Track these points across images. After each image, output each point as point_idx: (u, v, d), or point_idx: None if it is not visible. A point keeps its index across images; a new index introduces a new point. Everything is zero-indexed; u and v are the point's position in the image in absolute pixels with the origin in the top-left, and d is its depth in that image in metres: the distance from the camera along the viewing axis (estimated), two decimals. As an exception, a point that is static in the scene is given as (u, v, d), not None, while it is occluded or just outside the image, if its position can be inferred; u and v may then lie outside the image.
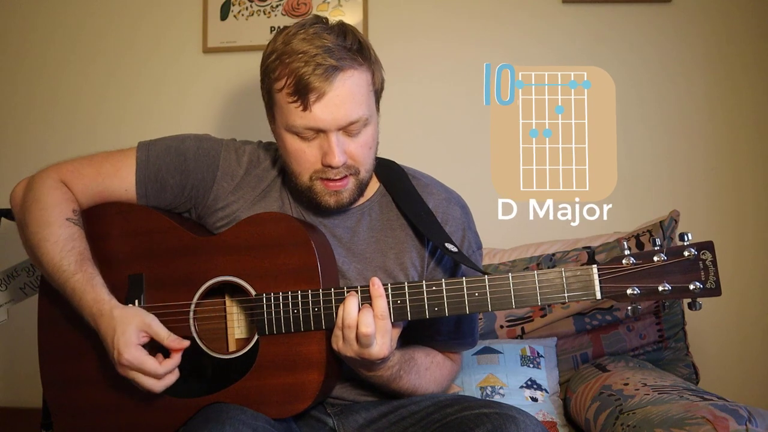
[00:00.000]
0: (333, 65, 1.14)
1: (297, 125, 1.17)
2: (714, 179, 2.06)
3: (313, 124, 1.16)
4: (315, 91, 1.13)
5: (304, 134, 1.18)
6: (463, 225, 1.32)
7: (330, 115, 1.15)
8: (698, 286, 1.05)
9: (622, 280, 1.08)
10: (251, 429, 1.07)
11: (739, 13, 2.06)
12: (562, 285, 1.09)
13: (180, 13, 2.19)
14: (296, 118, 1.16)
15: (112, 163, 1.29)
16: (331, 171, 1.19)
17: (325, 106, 1.14)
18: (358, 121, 1.18)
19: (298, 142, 1.19)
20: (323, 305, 1.15)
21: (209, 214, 1.31)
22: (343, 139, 1.18)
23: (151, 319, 1.15)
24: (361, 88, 1.18)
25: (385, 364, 1.18)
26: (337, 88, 1.14)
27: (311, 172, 1.20)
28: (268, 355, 1.17)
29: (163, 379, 1.14)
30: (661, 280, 1.06)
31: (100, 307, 1.15)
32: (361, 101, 1.18)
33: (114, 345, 1.12)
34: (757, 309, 2.04)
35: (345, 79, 1.15)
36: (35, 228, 1.21)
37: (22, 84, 2.24)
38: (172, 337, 1.15)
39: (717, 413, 1.19)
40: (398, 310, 1.13)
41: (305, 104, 1.14)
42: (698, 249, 1.06)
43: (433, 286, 1.13)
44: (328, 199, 1.22)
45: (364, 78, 1.19)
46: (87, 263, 1.19)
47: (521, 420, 1.05)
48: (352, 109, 1.16)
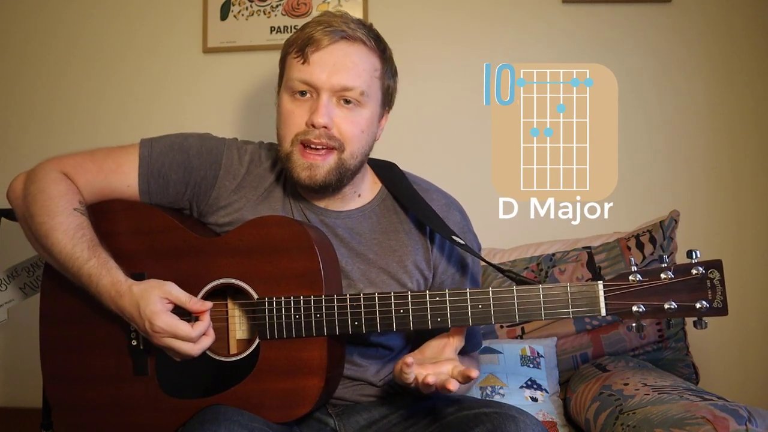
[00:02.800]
0: (341, 30, 1.20)
1: (293, 78, 1.21)
2: (714, 179, 2.06)
3: (307, 77, 1.19)
4: (315, 44, 1.19)
5: (299, 88, 1.21)
6: (463, 228, 1.33)
7: (325, 72, 1.19)
8: (704, 305, 1.05)
9: (627, 297, 1.07)
10: (247, 430, 1.07)
11: (739, 13, 2.06)
12: (567, 300, 1.09)
13: (180, 13, 2.19)
14: (294, 71, 1.21)
15: (114, 159, 1.29)
16: (313, 132, 1.20)
17: (321, 59, 1.19)
18: (353, 90, 1.20)
19: (291, 103, 1.22)
20: (325, 311, 1.15)
21: (211, 213, 1.31)
22: (333, 108, 1.20)
23: (170, 286, 1.16)
24: (364, 64, 1.21)
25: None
26: (338, 49, 1.19)
27: (294, 134, 1.22)
28: (268, 360, 1.17)
29: (199, 342, 1.15)
30: (668, 298, 1.06)
31: (119, 288, 1.15)
32: (360, 74, 1.21)
33: (143, 316, 1.13)
34: (757, 309, 2.04)
35: (349, 46, 1.20)
36: (43, 218, 1.20)
37: (22, 84, 2.24)
38: (193, 299, 1.16)
39: (717, 413, 1.19)
40: (400, 320, 1.13)
41: (305, 57, 1.20)
42: (706, 267, 1.05)
43: (436, 296, 1.12)
44: (300, 172, 1.22)
45: (370, 59, 1.23)
46: (99, 249, 1.19)
47: (521, 420, 1.06)
48: (348, 76, 1.19)
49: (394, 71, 1.29)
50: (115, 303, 1.16)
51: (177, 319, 1.13)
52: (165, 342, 1.14)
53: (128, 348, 1.23)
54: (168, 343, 1.14)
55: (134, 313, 1.14)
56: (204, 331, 1.15)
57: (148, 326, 1.13)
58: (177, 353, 1.15)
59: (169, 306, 1.15)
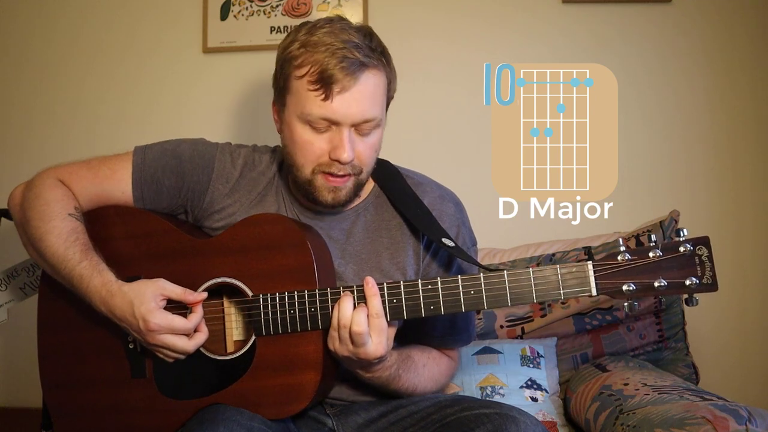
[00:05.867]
0: (360, 60, 1.16)
1: (313, 114, 1.17)
2: (714, 179, 2.06)
3: (330, 115, 1.16)
4: (339, 83, 1.15)
5: (317, 125, 1.18)
6: (458, 222, 1.32)
7: (349, 109, 1.16)
8: (694, 281, 1.05)
9: (617, 276, 1.07)
10: (246, 429, 1.07)
11: (739, 13, 2.06)
12: (557, 281, 1.09)
13: (180, 13, 2.19)
14: (314, 107, 1.16)
15: (108, 167, 1.30)
16: (337, 166, 1.19)
17: (346, 100, 1.16)
18: (372, 121, 1.19)
19: (309, 133, 1.19)
20: (320, 305, 1.15)
21: (206, 217, 1.31)
22: (353, 137, 1.19)
23: (162, 282, 1.16)
24: (379, 89, 1.20)
25: (383, 364, 1.18)
26: (361, 84, 1.16)
27: (315, 164, 1.20)
28: (265, 356, 1.17)
29: (193, 338, 1.15)
30: (657, 275, 1.06)
31: (110, 288, 1.15)
32: (378, 102, 1.20)
33: (137, 315, 1.13)
34: (757, 309, 2.04)
35: (368, 77, 1.17)
36: (37, 222, 1.21)
37: (22, 84, 2.24)
38: (187, 291, 1.17)
39: (717, 413, 1.19)
40: (394, 309, 1.13)
41: (327, 94, 1.15)
42: (694, 244, 1.06)
43: (428, 284, 1.13)
44: (326, 195, 1.22)
45: (382, 80, 1.21)
46: (91, 252, 1.19)
47: (521, 420, 1.06)
48: (369, 108, 1.18)
49: (395, 75, 1.28)
50: (106, 304, 1.15)
51: (171, 314, 1.14)
52: (160, 340, 1.14)
53: (125, 351, 1.23)
54: (163, 340, 1.14)
55: (127, 313, 1.14)
56: (199, 322, 1.16)
57: (143, 325, 1.12)
58: (171, 351, 1.15)
59: (162, 303, 1.15)
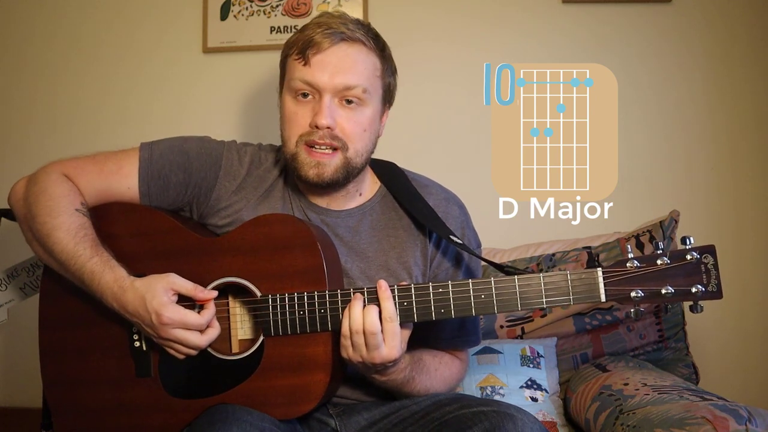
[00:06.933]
0: (340, 32, 1.21)
1: (295, 78, 1.22)
2: (714, 179, 2.06)
3: (309, 78, 1.21)
4: (315, 46, 1.20)
5: (301, 89, 1.22)
6: (463, 224, 1.34)
7: (324, 70, 1.20)
8: (700, 289, 1.07)
9: (626, 283, 1.09)
10: (258, 430, 1.07)
11: (739, 13, 2.06)
12: (567, 288, 1.10)
13: (180, 13, 2.19)
14: (296, 71, 1.22)
15: (114, 162, 1.29)
16: (317, 133, 1.21)
17: (322, 62, 1.20)
18: (355, 89, 1.21)
19: (294, 105, 1.23)
20: (329, 306, 1.15)
21: (211, 214, 1.31)
22: (336, 108, 1.22)
23: (173, 276, 1.16)
24: (365, 64, 1.23)
25: (397, 367, 1.18)
26: (339, 50, 1.21)
27: (298, 136, 1.23)
28: (273, 357, 1.17)
29: (206, 333, 1.15)
30: (664, 283, 1.08)
31: (121, 283, 1.15)
32: (361, 73, 1.22)
33: (150, 310, 1.12)
34: (757, 309, 2.04)
35: (349, 47, 1.22)
36: (44, 218, 1.20)
37: (22, 84, 2.24)
38: (198, 288, 1.16)
39: (717, 413, 1.19)
40: (405, 312, 1.13)
41: (305, 59, 1.21)
42: (700, 252, 1.08)
43: (439, 287, 1.13)
44: (308, 171, 1.22)
45: (370, 58, 1.24)
46: (101, 248, 1.19)
47: (519, 418, 1.06)
48: (350, 76, 1.21)
49: (394, 69, 1.31)
50: (118, 299, 1.15)
51: (183, 308, 1.14)
52: (172, 334, 1.13)
53: (130, 350, 1.23)
54: (175, 334, 1.13)
55: (139, 308, 1.13)
56: (211, 318, 1.16)
57: (155, 319, 1.12)
58: (183, 346, 1.15)
59: (174, 298, 1.15)
